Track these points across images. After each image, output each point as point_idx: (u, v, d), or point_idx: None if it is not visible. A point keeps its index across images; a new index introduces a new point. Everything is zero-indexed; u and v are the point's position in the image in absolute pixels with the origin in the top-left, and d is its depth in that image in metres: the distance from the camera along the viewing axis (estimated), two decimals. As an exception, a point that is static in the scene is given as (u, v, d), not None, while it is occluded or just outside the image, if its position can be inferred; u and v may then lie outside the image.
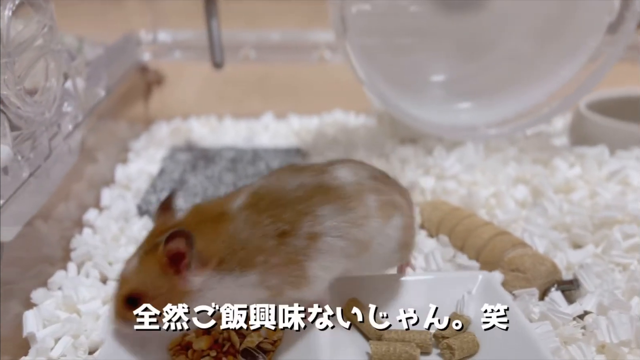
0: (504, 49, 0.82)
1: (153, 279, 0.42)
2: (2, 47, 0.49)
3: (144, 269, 0.42)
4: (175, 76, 0.95)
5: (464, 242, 0.60)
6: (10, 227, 0.51)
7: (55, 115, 0.59)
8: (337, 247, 0.44)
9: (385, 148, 0.82)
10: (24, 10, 0.54)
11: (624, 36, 0.72)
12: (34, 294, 0.54)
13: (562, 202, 0.65)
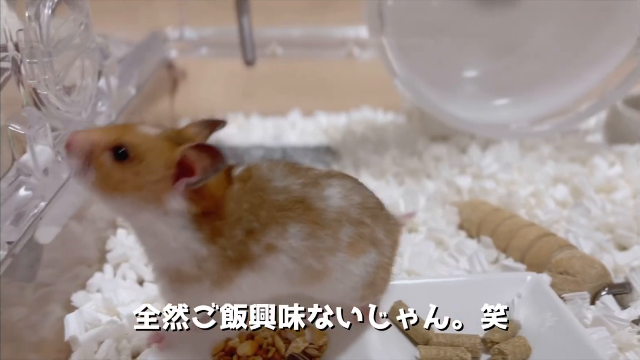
0: (538, 44, 0.80)
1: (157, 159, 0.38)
2: (42, 47, 0.48)
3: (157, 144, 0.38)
4: (200, 73, 0.94)
5: (508, 244, 0.58)
6: (49, 228, 0.50)
7: (91, 114, 0.58)
8: (285, 268, 0.41)
9: (417, 146, 0.81)
10: (61, 8, 0.54)
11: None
12: (74, 296, 0.53)
13: (604, 202, 0.64)
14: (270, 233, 0.40)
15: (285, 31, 0.90)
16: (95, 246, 0.61)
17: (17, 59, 0.47)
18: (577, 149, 0.76)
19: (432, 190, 0.70)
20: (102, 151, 0.38)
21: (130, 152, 0.38)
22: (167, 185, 0.38)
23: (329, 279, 0.42)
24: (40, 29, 0.48)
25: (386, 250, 0.45)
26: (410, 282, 0.54)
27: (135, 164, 0.38)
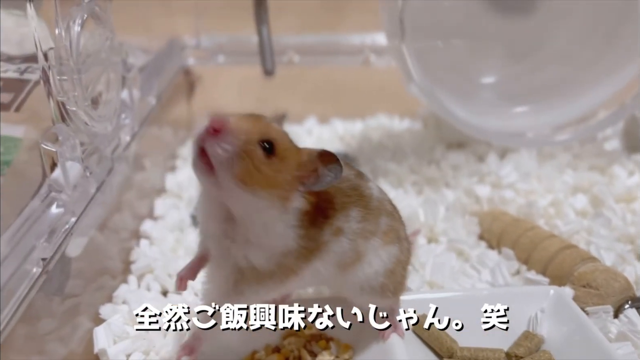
0: (555, 52, 0.80)
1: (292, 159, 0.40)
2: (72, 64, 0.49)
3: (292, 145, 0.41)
4: (217, 80, 0.94)
5: (529, 255, 0.59)
6: (77, 240, 0.51)
7: (116, 127, 0.59)
8: (343, 249, 0.43)
9: (434, 154, 0.81)
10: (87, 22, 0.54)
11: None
12: (102, 309, 0.54)
13: (624, 212, 0.64)
14: (339, 217, 0.43)
15: (301, 39, 0.90)
16: (119, 257, 0.62)
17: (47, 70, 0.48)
18: (596, 157, 0.76)
19: (451, 200, 0.71)
20: (255, 143, 0.38)
21: (276, 148, 0.39)
22: (295, 185, 0.40)
23: (363, 262, 0.45)
24: (71, 46, 0.49)
25: (405, 250, 0.48)
26: (434, 295, 0.54)
27: (278, 160, 0.39)
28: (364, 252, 0.45)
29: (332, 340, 0.50)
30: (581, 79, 0.79)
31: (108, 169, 0.56)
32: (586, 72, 0.79)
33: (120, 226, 0.64)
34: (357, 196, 0.44)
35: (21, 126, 0.65)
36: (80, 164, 0.50)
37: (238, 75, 0.94)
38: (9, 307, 0.39)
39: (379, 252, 0.45)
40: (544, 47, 0.81)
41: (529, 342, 0.49)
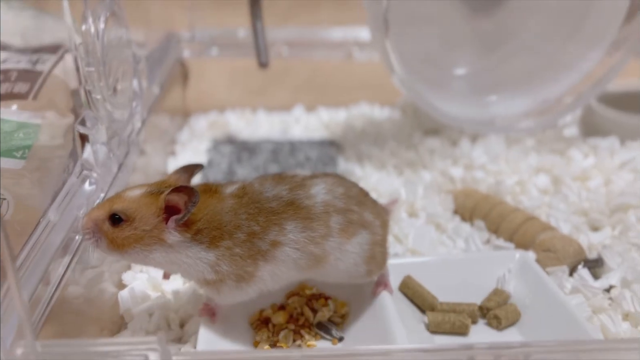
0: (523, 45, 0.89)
1: (145, 213, 0.47)
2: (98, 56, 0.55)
3: (143, 201, 0.47)
4: (210, 71, 1.00)
5: (498, 226, 0.67)
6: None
7: (130, 115, 0.65)
8: (291, 257, 0.49)
9: (412, 139, 0.89)
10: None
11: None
12: (124, 275, 0.60)
13: (580, 190, 0.73)
14: (271, 232, 0.48)
15: (290, 32, 0.97)
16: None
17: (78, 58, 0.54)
18: (556, 142, 0.85)
19: (429, 180, 0.79)
20: (102, 222, 0.47)
21: (122, 216, 0.46)
22: (161, 227, 0.47)
23: (330, 260, 0.50)
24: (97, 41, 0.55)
25: (377, 229, 0.53)
26: (416, 260, 0.62)
27: (129, 223, 0.46)
28: (326, 253, 0.50)
29: (330, 298, 0.58)
30: (545, 71, 0.88)
31: (125, 151, 0.62)
32: (549, 65, 0.88)
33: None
34: (293, 209, 0.49)
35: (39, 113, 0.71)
36: (106, 146, 0.56)
37: (230, 66, 1.00)
38: (60, 270, 0.46)
39: (345, 248, 0.50)
40: (511, 41, 0.89)
41: (498, 297, 0.57)
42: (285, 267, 0.50)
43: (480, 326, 0.56)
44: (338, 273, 0.52)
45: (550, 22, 0.87)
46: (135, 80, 0.69)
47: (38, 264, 0.44)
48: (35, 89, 0.72)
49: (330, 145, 0.90)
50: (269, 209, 0.49)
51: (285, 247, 0.49)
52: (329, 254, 0.50)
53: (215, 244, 0.48)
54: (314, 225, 0.49)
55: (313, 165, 0.83)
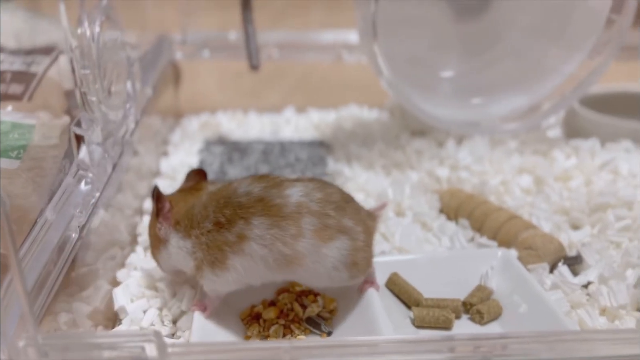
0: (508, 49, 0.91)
1: (153, 219, 0.56)
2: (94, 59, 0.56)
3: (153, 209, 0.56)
4: (202, 73, 1.02)
5: (482, 225, 0.69)
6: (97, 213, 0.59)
7: (124, 116, 0.67)
8: (259, 253, 0.50)
9: (400, 140, 0.91)
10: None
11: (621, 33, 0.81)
12: (118, 273, 0.62)
13: (561, 190, 0.75)
14: (237, 225, 0.51)
15: (281, 35, 0.99)
16: (126, 231, 0.69)
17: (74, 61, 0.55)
18: (539, 143, 0.87)
19: (416, 180, 0.81)
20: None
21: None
22: (155, 226, 0.55)
23: (304, 262, 0.51)
24: (92, 44, 0.57)
25: (359, 235, 0.53)
26: (402, 257, 0.64)
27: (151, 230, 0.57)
28: (297, 254, 0.51)
29: (319, 294, 0.59)
30: (529, 75, 0.90)
31: (120, 151, 0.64)
32: (534, 68, 0.90)
33: (125, 204, 0.72)
34: (262, 206, 0.51)
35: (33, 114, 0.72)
36: (101, 147, 0.58)
37: (221, 68, 1.02)
38: (57, 269, 0.47)
39: (322, 252, 0.51)
40: (497, 45, 0.92)
41: (481, 293, 0.59)
42: (254, 263, 0.51)
43: (463, 321, 0.58)
44: (320, 277, 0.53)
45: (534, 26, 0.89)
46: (129, 82, 0.71)
47: (36, 262, 0.45)
48: (30, 90, 0.74)
49: (320, 146, 0.92)
50: (237, 202, 0.52)
51: (252, 241, 0.50)
52: (303, 256, 0.51)
53: (188, 233, 0.53)
54: (282, 223, 0.50)
55: (303, 165, 0.85)
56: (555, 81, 0.89)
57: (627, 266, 0.61)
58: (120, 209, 0.71)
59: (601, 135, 0.86)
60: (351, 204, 0.55)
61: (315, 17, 1.00)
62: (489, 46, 0.92)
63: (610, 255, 0.63)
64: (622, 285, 0.57)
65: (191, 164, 0.86)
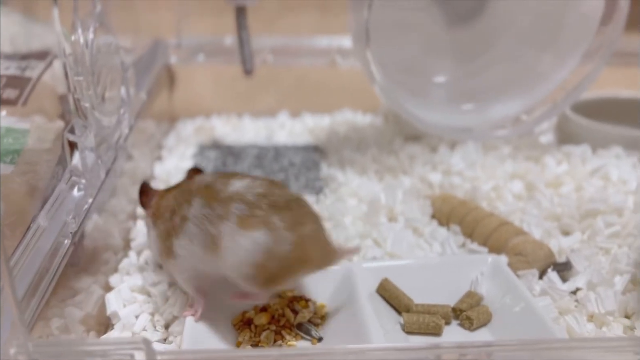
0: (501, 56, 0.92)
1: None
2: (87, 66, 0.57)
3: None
4: (197, 77, 1.02)
5: (473, 231, 0.70)
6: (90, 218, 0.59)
7: (117, 121, 0.67)
8: (193, 233, 0.53)
9: (393, 145, 0.92)
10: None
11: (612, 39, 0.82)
12: (111, 278, 0.62)
13: (552, 196, 0.76)
14: (183, 208, 0.54)
15: (275, 40, 0.99)
16: (119, 236, 0.70)
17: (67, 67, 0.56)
18: (531, 149, 0.88)
19: (408, 185, 0.81)
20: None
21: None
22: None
23: (222, 246, 0.50)
24: (86, 51, 0.57)
25: (284, 242, 0.49)
26: (393, 263, 0.64)
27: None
28: (220, 235, 0.50)
29: (310, 300, 0.60)
30: (522, 81, 0.91)
31: (113, 156, 0.64)
32: (527, 74, 0.91)
33: (118, 209, 0.72)
34: (205, 190, 0.54)
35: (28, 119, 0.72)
36: (94, 153, 0.58)
37: (216, 72, 1.02)
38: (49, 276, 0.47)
39: (237, 238, 0.49)
40: (490, 51, 0.93)
41: (470, 299, 0.60)
42: (192, 244, 0.53)
43: (453, 327, 0.59)
44: (227, 267, 0.51)
45: (527, 32, 0.90)
46: (123, 87, 0.71)
47: (28, 268, 0.46)
48: (24, 95, 0.74)
49: (314, 150, 0.92)
50: (188, 190, 0.56)
51: (189, 222, 0.53)
52: (222, 238, 0.50)
53: (155, 223, 0.58)
54: (214, 204, 0.52)
55: (297, 170, 0.86)
56: (548, 87, 0.89)
57: (616, 273, 0.61)
58: (114, 214, 0.71)
59: (592, 142, 0.86)
60: (296, 212, 0.52)
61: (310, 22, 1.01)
62: (481, 52, 0.93)
63: (599, 262, 0.64)
64: (610, 291, 0.58)
65: (184, 168, 0.86)
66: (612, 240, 0.68)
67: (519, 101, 0.90)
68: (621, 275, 0.61)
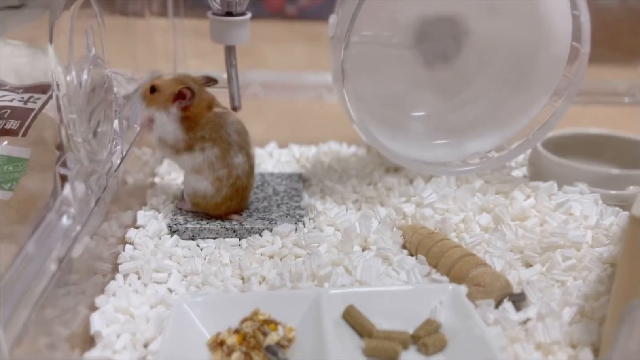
0: (477, 93, 0.97)
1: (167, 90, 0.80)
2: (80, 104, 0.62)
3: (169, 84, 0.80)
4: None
5: (438, 261, 0.74)
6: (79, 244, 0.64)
7: (109, 154, 0.73)
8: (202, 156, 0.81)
9: (373, 177, 0.97)
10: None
11: (578, 79, 0.87)
12: (97, 299, 0.67)
13: (517, 228, 0.80)
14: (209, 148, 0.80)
15: (266, 74, 1.05)
16: (108, 259, 0.75)
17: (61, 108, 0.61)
18: (502, 183, 0.92)
19: (384, 215, 0.86)
20: (147, 90, 0.81)
21: (155, 88, 0.80)
22: (169, 101, 0.80)
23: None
24: (80, 90, 0.63)
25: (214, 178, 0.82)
26: (359, 290, 0.69)
27: (157, 93, 0.80)
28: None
29: (279, 324, 0.64)
30: (496, 118, 0.96)
31: (103, 187, 0.70)
32: (500, 111, 0.96)
33: (109, 234, 0.77)
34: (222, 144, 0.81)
35: (27, 148, 0.78)
36: (85, 184, 0.63)
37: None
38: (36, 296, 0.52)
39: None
40: (467, 89, 0.98)
41: (429, 326, 0.64)
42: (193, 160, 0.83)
43: (411, 352, 0.63)
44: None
45: (501, 72, 0.96)
46: (116, 121, 0.77)
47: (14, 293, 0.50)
48: (25, 126, 0.80)
49: (298, 179, 0.97)
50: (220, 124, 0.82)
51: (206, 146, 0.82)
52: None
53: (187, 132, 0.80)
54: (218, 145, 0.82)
55: (280, 198, 0.91)
56: (521, 123, 0.94)
57: (565, 304, 0.66)
58: (104, 238, 0.76)
59: (561, 177, 0.91)
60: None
61: (299, 59, 1.07)
62: (459, 90, 0.98)
63: (552, 294, 0.68)
64: (556, 322, 0.62)
65: (176, 195, 0.91)
66: (569, 273, 0.72)
67: (493, 137, 0.95)
68: (570, 307, 0.65)
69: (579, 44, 0.86)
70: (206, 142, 0.80)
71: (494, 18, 0.93)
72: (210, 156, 0.80)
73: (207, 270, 0.73)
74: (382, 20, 0.91)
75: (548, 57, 0.91)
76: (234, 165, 0.81)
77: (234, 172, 0.81)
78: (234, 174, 0.81)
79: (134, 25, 1.03)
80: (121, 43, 0.96)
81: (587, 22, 0.84)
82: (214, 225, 0.82)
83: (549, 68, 0.91)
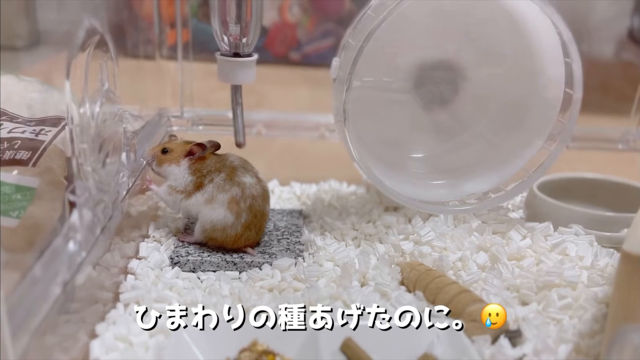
0: (475, 135, 1.00)
1: (178, 150, 0.86)
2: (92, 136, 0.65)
3: (180, 145, 0.87)
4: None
5: (435, 297, 0.75)
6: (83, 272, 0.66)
7: (116, 185, 0.75)
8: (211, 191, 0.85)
9: (372, 215, 0.99)
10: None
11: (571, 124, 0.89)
12: (97, 327, 0.68)
13: (514, 268, 0.82)
14: (216, 176, 0.84)
15: (269, 115, 1.09)
16: (110, 289, 0.76)
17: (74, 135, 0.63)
18: (499, 223, 0.94)
19: (382, 252, 0.87)
20: (159, 151, 0.87)
21: (168, 150, 0.86)
22: (181, 158, 0.85)
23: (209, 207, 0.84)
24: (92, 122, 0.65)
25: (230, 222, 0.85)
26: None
27: (170, 153, 0.86)
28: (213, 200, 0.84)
29: (278, 355, 0.65)
30: (493, 160, 0.99)
31: (109, 216, 0.71)
32: (497, 153, 0.99)
33: (111, 264, 0.78)
34: (229, 170, 0.85)
35: (36, 178, 0.80)
36: (92, 212, 0.65)
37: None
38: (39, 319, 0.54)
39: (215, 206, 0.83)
40: (464, 132, 1.01)
41: (425, 361, 0.65)
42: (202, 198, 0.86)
43: (410, 388, 0.64)
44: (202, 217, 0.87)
45: (498, 115, 0.99)
46: (124, 153, 0.79)
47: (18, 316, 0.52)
48: (35, 157, 0.82)
49: (299, 216, 0.99)
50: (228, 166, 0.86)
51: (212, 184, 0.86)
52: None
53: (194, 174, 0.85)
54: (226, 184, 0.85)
55: (280, 234, 0.92)
56: (517, 165, 0.97)
57: (561, 342, 0.66)
58: (107, 267, 0.78)
59: (557, 219, 0.93)
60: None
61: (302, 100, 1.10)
62: (457, 132, 1.01)
63: (547, 331, 0.69)
64: (552, 358, 0.63)
65: (179, 227, 0.93)
66: (564, 311, 0.73)
67: (489, 178, 0.97)
68: (566, 344, 0.66)
69: (571, 90, 0.89)
70: (212, 173, 0.84)
71: (489, 64, 0.97)
72: (218, 181, 0.83)
73: (207, 301, 0.74)
74: (383, 66, 0.95)
75: (542, 102, 0.94)
76: (245, 185, 0.83)
77: (247, 191, 0.83)
78: (248, 193, 0.83)
79: (144, 66, 1.07)
80: (131, 82, 0.99)
81: (579, 69, 0.87)
82: (215, 257, 0.83)
83: (543, 112, 0.94)
